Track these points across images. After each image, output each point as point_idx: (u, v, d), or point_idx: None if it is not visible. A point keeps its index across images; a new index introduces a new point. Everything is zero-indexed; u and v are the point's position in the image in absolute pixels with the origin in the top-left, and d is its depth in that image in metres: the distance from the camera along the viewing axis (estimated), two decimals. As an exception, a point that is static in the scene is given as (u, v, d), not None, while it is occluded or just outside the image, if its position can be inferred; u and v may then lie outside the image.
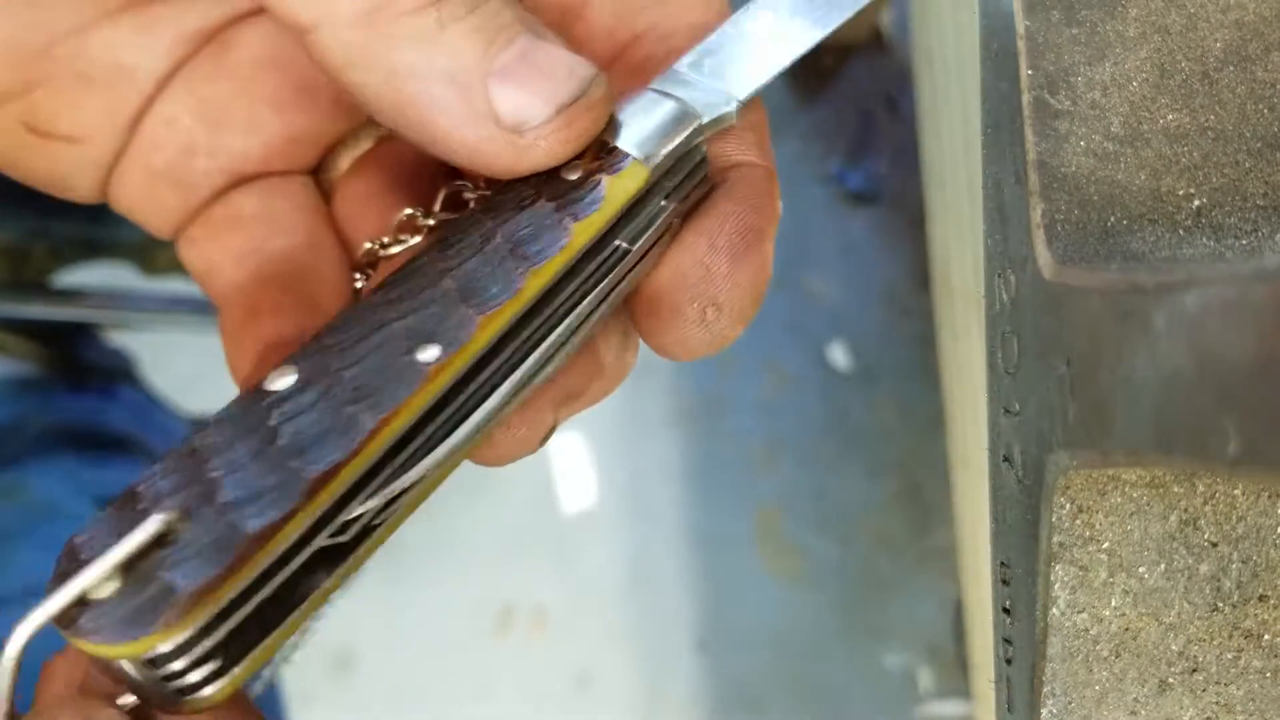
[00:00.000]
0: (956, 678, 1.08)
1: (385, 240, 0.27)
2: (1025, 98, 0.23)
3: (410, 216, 0.27)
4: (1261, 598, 0.24)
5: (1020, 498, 0.25)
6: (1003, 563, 0.26)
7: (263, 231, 0.27)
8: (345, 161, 0.28)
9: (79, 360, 0.70)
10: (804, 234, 1.19)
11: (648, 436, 1.12)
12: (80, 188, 0.27)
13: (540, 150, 0.22)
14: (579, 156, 0.23)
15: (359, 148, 0.28)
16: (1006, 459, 0.26)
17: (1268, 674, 0.24)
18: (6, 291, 0.69)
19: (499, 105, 0.21)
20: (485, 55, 0.20)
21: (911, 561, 1.12)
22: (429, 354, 0.21)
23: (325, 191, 0.28)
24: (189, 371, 1.07)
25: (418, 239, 0.26)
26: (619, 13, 0.25)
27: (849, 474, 1.14)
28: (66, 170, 0.26)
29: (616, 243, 0.24)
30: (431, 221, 0.26)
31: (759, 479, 1.13)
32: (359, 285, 0.27)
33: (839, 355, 1.16)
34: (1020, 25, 0.24)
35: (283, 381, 0.22)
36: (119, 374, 0.72)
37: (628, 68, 0.26)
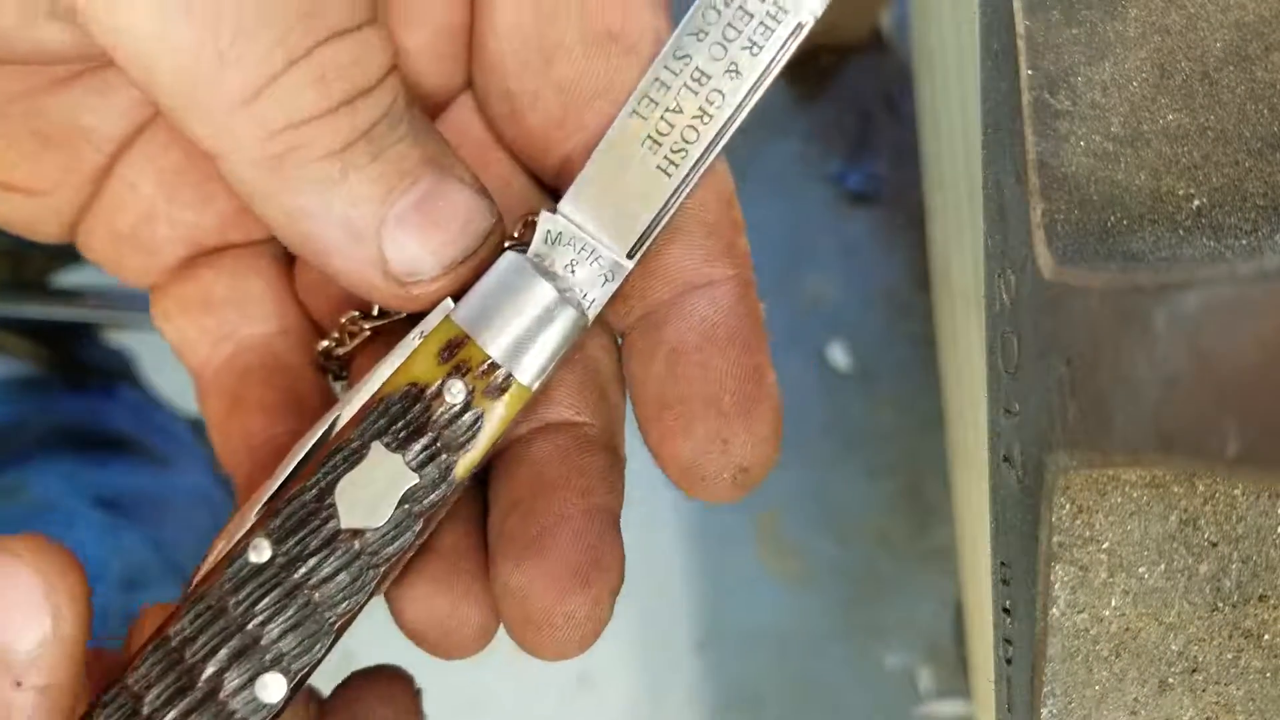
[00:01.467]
0: (956, 678, 1.08)
1: (336, 339, 0.27)
2: (1025, 98, 0.23)
3: (355, 318, 0.26)
4: (1261, 598, 0.24)
5: (1020, 498, 0.25)
6: (1002, 563, 0.26)
7: (234, 316, 0.27)
8: None
9: (79, 360, 0.70)
10: (803, 234, 1.19)
11: (647, 437, 1.12)
12: (45, 234, 0.27)
13: (427, 298, 0.21)
14: (458, 372, 0.22)
15: None
16: (1006, 459, 0.26)
17: (1268, 674, 0.24)
18: (6, 291, 0.69)
19: (389, 254, 0.20)
20: (382, 203, 0.20)
21: (911, 561, 1.12)
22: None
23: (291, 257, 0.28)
24: (185, 372, 1.07)
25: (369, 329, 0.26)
26: (566, 105, 0.24)
27: (849, 474, 1.14)
28: (29, 217, 0.26)
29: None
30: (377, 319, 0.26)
31: (759, 479, 1.13)
32: (323, 347, 0.27)
33: (838, 355, 1.16)
34: (1020, 25, 0.24)
35: None
36: (119, 374, 0.72)
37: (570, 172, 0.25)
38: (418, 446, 0.22)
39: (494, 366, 0.23)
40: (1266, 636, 0.24)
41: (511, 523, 0.24)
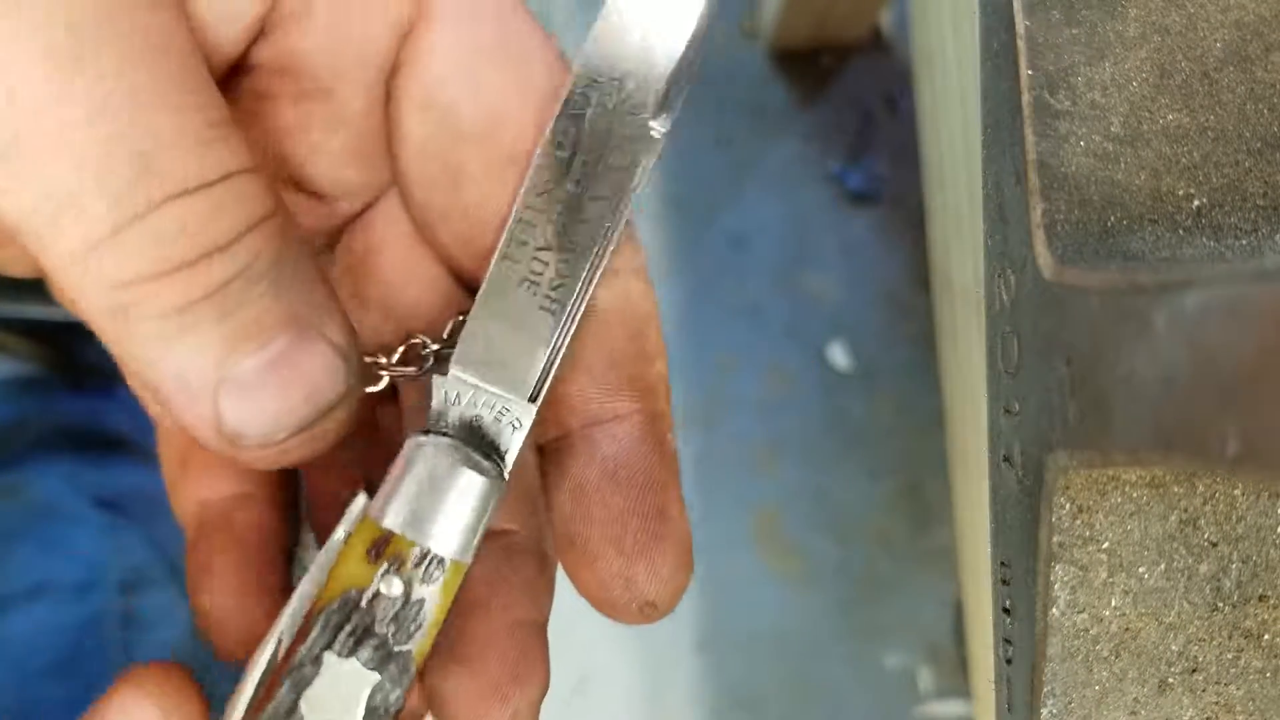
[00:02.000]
0: (956, 678, 1.08)
1: None
2: (1025, 98, 0.23)
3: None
4: (1261, 597, 0.24)
5: (1020, 498, 0.25)
6: (1003, 563, 0.26)
7: None
8: None
9: (79, 360, 0.70)
10: (803, 234, 1.18)
11: (648, 436, 1.12)
12: (16, 272, 0.26)
13: (266, 461, 0.21)
14: (392, 568, 0.22)
15: None
16: (1006, 459, 0.26)
17: (1267, 674, 0.24)
18: (5, 291, 0.69)
19: (223, 415, 0.19)
20: (220, 365, 0.19)
21: (911, 561, 1.12)
22: None
23: None
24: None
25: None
26: (473, 227, 0.24)
27: (849, 474, 1.14)
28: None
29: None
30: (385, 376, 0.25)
31: (758, 479, 1.13)
32: None
33: (839, 355, 1.16)
34: (1020, 25, 0.24)
35: None
36: (118, 374, 0.71)
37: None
38: (370, 648, 0.22)
39: (425, 553, 0.22)
40: (1266, 636, 0.24)
41: (440, 636, 0.24)
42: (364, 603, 0.22)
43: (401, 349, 0.25)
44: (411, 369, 0.25)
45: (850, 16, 1.15)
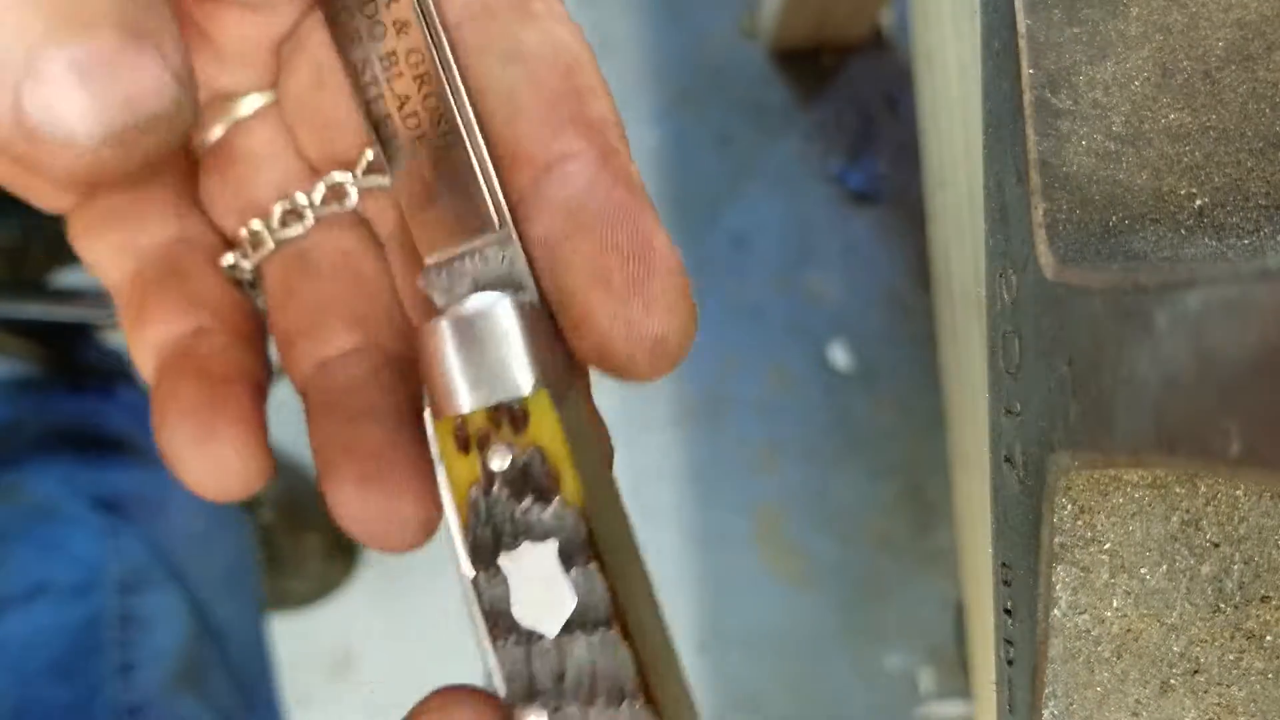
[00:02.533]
0: (957, 679, 1.08)
1: (241, 252, 0.27)
2: (1026, 97, 0.23)
3: (256, 231, 0.26)
4: (1264, 599, 0.24)
5: (1021, 498, 0.25)
6: (1004, 563, 0.26)
7: (135, 228, 0.27)
8: (217, 131, 0.27)
9: (77, 361, 0.70)
10: (804, 234, 1.18)
11: (648, 436, 1.12)
12: None
13: (61, 170, 0.18)
14: (486, 445, 0.21)
15: (229, 118, 0.27)
16: (1008, 459, 0.26)
17: (1270, 675, 0.24)
18: (4, 291, 0.69)
19: (25, 101, 0.17)
20: (33, 50, 0.17)
21: (912, 562, 1.12)
22: None
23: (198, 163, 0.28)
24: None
25: (302, 227, 0.26)
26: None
27: (850, 474, 1.14)
28: None
29: None
30: (313, 209, 0.25)
31: (759, 479, 1.13)
32: (230, 263, 0.27)
33: (839, 355, 1.16)
34: (1021, 24, 0.23)
35: None
36: (117, 375, 0.72)
37: None
38: (530, 520, 0.21)
39: (500, 410, 0.21)
40: (1269, 638, 0.24)
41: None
42: (492, 493, 0.21)
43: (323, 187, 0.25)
44: (382, 179, 0.24)
45: (851, 16, 1.15)
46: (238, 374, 0.26)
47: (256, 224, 0.26)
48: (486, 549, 0.21)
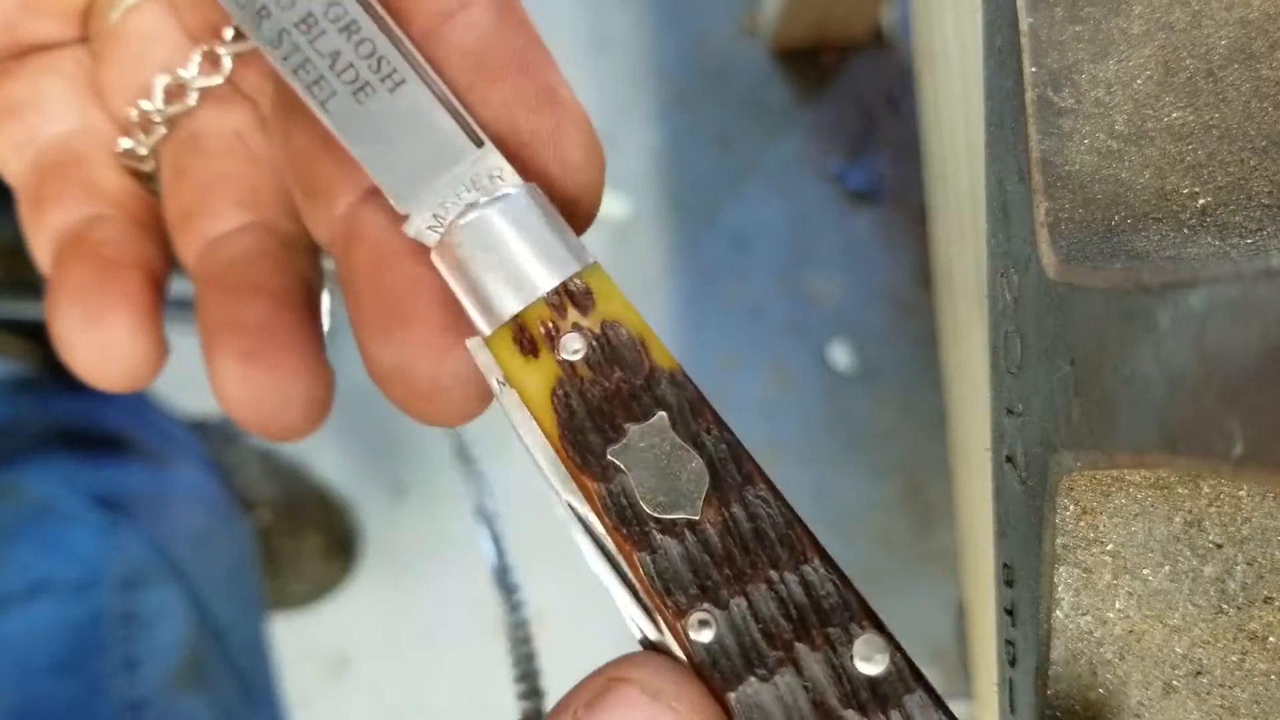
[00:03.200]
0: (958, 679, 1.08)
1: (136, 139, 0.27)
2: (1028, 95, 0.23)
3: (146, 112, 0.26)
4: (1267, 600, 0.23)
5: (1023, 499, 0.25)
6: (1005, 564, 0.26)
7: (35, 119, 0.27)
8: (113, 18, 0.27)
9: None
10: (805, 233, 1.18)
11: (648, 436, 1.12)
12: None
13: None
14: (555, 336, 0.20)
15: (123, 5, 0.27)
16: (1009, 459, 0.25)
17: (1273, 676, 0.24)
18: (2, 291, 0.69)
19: None
20: None
21: (913, 562, 1.12)
22: None
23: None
24: (184, 371, 1.07)
25: (186, 104, 0.26)
26: None
27: (850, 474, 1.14)
28: None
29: None
30: (202, 82, 0.26)
31: (760, 479, 1.13)
32: (127, 148, 0.27)
33: (840, 355, 1.16)
34: (1023, 22, 0.23)
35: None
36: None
37: None
38: (626, 394, 0.19)
39: (560, 293, 0.20)
40: (1272, 639, 0.24)
41: (367, 301, 0.22)
42: (578, 377, 0.19)
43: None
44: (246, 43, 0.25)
45: (851, 14, 1.15)
46: (132, 260, 0.26)
47: (145, 104, 0.27)
48: (592, 449, 0.19)
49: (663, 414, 0.19)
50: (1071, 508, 0.23)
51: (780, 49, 1.20)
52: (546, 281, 0.20)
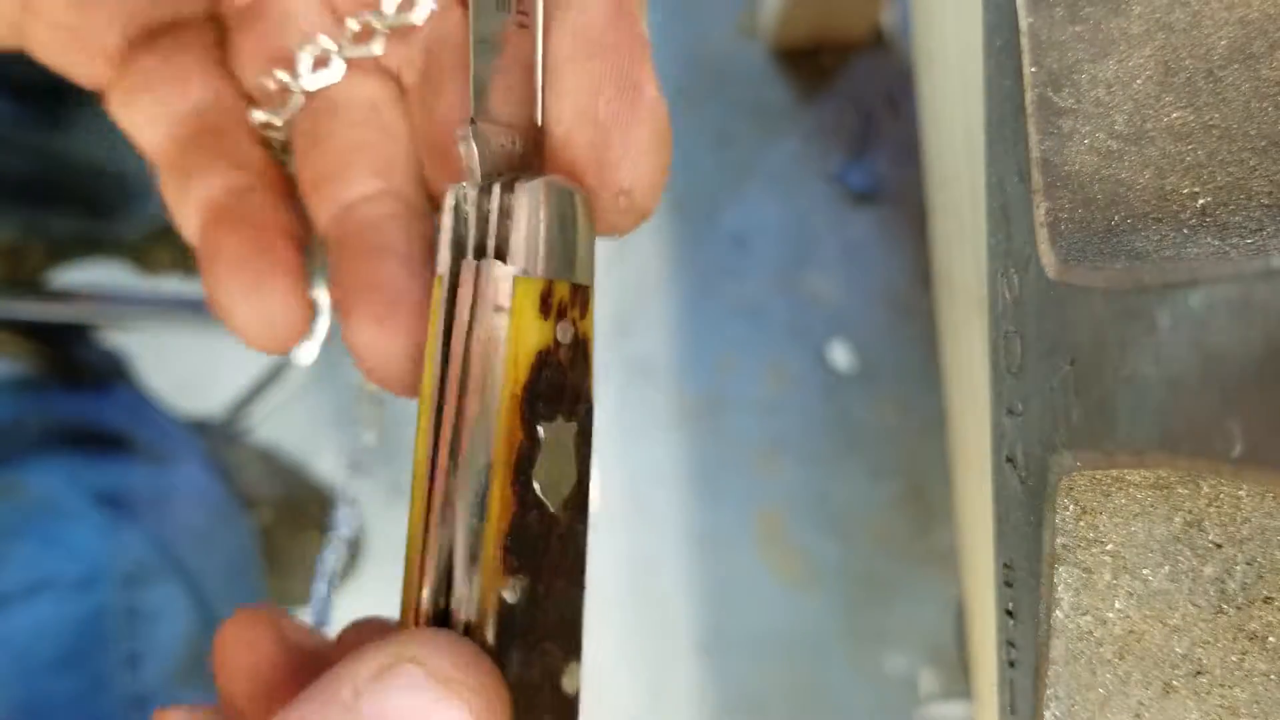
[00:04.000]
0: (958, 680, 1.08)
1: (270, 109, 0.27)
2: (1029, 95, 0.23)
3: (283, 81, 0.27)
4: (1266, 600, 0.23)
5: (1023, 499, 0.25)
6: (1005, 564, 0.26)
7: (171, 93, 0.28)
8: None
9: (75, 360, 0.70)
10: (805, 233, 1.18)
11: (648, 438, 1.12)
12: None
13: None
14: (562, 315, 0.22)
15: None
16: (1009, 460, 0.26)
17: (1272, 676, 0.24)
18: (2, 291, 0.69)
19: None
20: None
21: (913, 563, 1.12)
22: None
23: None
24: (184, 371, 1.07)
25: (331, 76, 0.27)
26: None
27: (850, 475, 1.14)
28: None
29: None
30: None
31: (760, 480, 1.13)
32: (262, 120, 0.28)
33: (840, 355, 1.16)
34: (1023, 22, 0.23)
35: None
36: (114, 373, 0.72)
37: None
38: (563, 403, 0.22)
39: (579, 290, 0.22)
40: (1271, 639, 0.24)
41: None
42: (556, 362, 0.22)
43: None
44: (409, 16, 0.26)
45: (851, 15, 1.15)
46: (282, 227, 0.27)
47: (284, 75, 0.27)
48: (536, 416, 0.22)
49: (575, 425, 0.22)
50: (1071, 508, 0.23)
51: (780, 49, 1.20)
52: (581, 275, 0.22)
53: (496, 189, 0.22)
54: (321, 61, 0.27)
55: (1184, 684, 0.24)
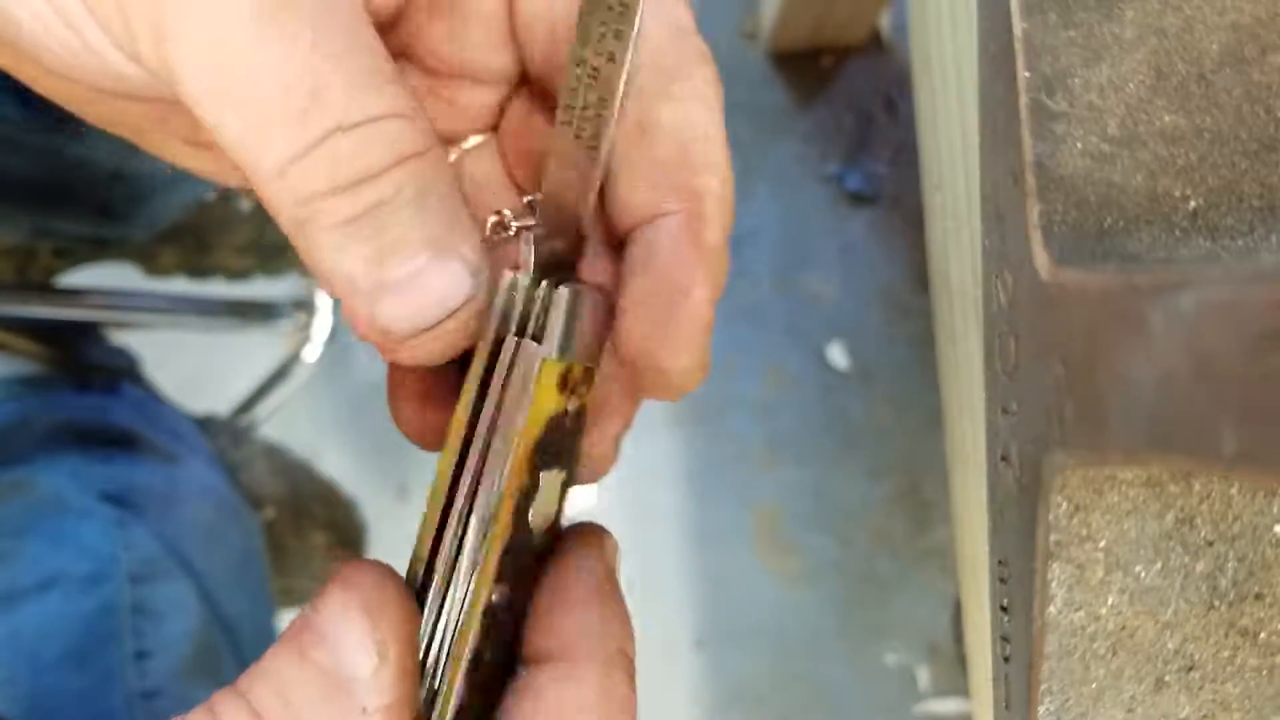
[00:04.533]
0: (955, 676, 1.08)
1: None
2: (1022, 99, 0.23)
3: (501, 217, 0.30)
4: (1257, 596, 0.24)
5: (1018, 496, 0.25)
6: (1000, 561, 0.26)
7: None
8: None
9: (83, 359, 0.70)
10: (803, 235, 1.19)
11: (647, 436, 1.12)
12: (233, 183, 0.30)
13: (406, 353, 0.25)
14: (574, 394, 0.26)
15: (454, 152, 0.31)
16: (1004, 458, 0.26)
17: (1263, 672, 0.24)
18: (12, 291, 0.69)
19: (376, 312, 0.24)
20: (374, 272, 0.24)
21: (910, 560, 1.12)
22: None
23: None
24: (191, 370, 1.07)
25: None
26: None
27: (848, 473, 1.14)
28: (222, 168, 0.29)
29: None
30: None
31: (758, 478, 1.13)
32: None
33: (838, 355, 1.16)
34: (1017, 27, 0.24)
35: None
36: (122, 373, 0.72)
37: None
38: (563, 458, 0.27)
39: (589, 372, 0.27)
40: (1262, 635, 0.24)
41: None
42: (564, 425, 0.26)
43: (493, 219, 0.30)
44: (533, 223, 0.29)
45: (849, 18, 1.15)
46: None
47: (503, 213, 0.30)
48: (543, 462, 0.26)
49: (565, 474, 0.27)
50: (1065, 505, 0.23)
51: (779, 52, 1.20)
52: (592, 360, 0.27)
53: (544, 285, 0.26)
54: (497, 227, 0.30)
55: (1176, 679, 0.24)
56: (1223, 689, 0.24)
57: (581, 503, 1.09)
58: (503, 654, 0.26)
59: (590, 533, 0.28)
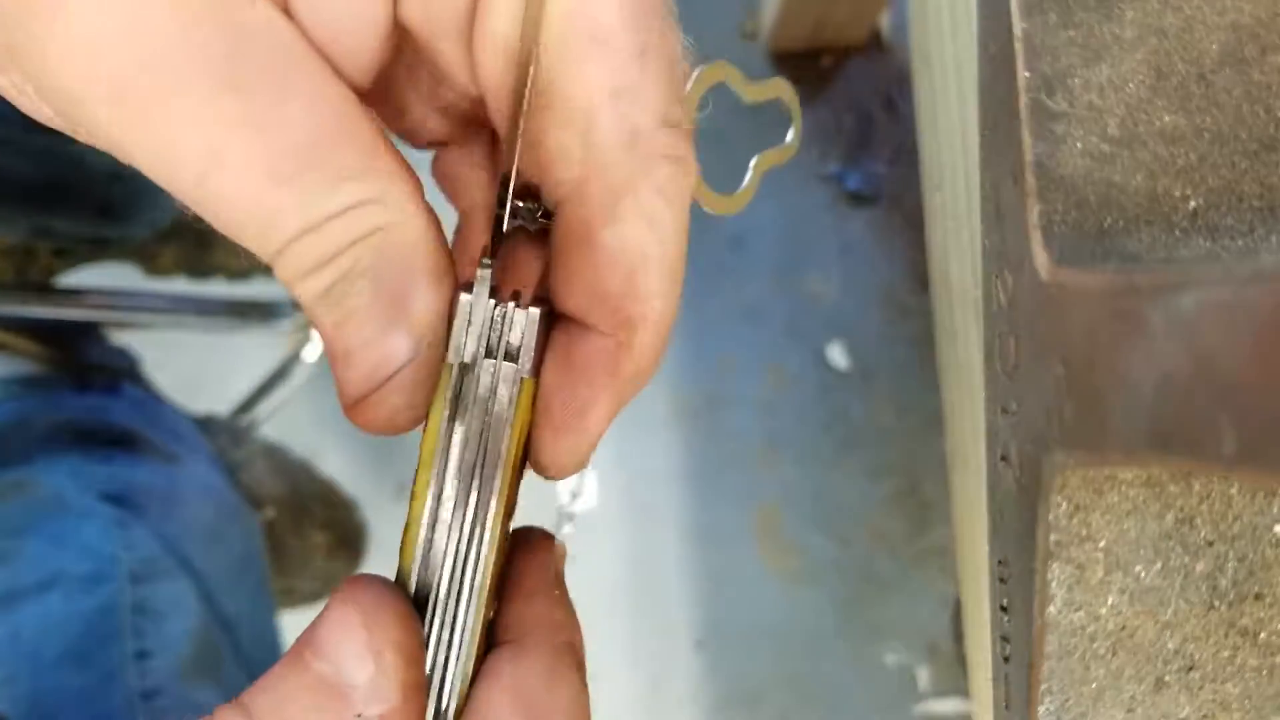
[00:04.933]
0: (955, 676, 1.08)
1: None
2: (1023, 99, 0.23)
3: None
4: (1257, 596, 0.24)
5: (1018, 497, 0.25)
6: (1000, 561, 0.27)
7: None
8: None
9: (83, 359, 0.70)
10: (803, 234, 1.19)
11: (648, 436, 1.12)
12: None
13: (362, 421, 0.27)
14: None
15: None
16: (1004, 458, 0.26)
17: (1263, 671, 0.24)
18: (12, 292, 0.69)
19: (336, 374, 0.26)
20: (336, 340, 0.26)
21: (910, 560, 1.12)
22: None
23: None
24: (191, 370, 1.07)
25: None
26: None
27: (848, 473, 1.14)
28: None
29: None
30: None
31: (758, 478, 1.13)
32: None
33: (838, 355, 1.16)
34: (1017, 27, 0.24)
35: None
36: (122, 373, 0.72)
37: None
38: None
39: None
40: (1262, 635, 0.24)
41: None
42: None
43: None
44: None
45: (849, 18, 1.15)
46: None
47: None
48: (521, 473, 0.27)
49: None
50: (1065, 505, 0.23)
51: (779, 51, 1.20)
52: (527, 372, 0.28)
53: (510, 306, 0.27)
54: None
55: (1176, 679, 0.24)
56: (1223, 689, 0.24)
57: (583, 503, 1.09)
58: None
59: (539, 535, 0.29)
